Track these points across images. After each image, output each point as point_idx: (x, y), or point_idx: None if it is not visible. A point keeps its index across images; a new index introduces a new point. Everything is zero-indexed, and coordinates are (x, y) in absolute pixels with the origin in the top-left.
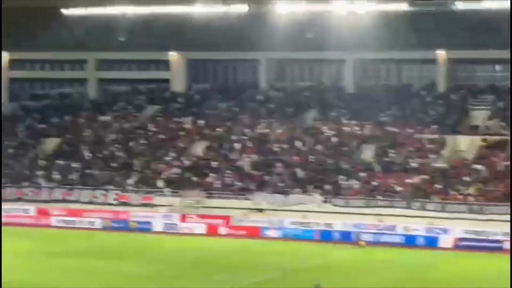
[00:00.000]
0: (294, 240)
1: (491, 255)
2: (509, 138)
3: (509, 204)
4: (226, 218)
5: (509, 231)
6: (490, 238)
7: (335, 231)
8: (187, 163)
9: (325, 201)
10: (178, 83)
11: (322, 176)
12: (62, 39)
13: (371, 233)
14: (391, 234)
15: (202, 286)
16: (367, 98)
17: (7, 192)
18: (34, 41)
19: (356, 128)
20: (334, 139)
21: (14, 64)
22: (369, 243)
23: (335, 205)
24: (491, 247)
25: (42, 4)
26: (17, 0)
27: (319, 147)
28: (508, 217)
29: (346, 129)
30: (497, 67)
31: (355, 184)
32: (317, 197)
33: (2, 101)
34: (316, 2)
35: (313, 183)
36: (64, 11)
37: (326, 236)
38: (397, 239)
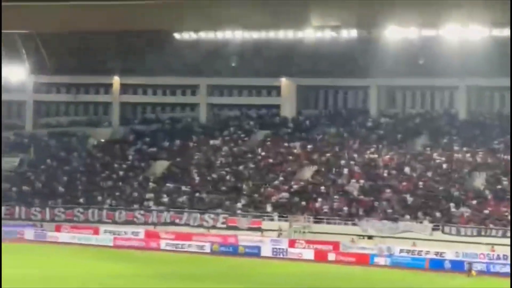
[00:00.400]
0: (404, 268)
1: None
2: None
3: None
4: (335, 244)
5: None
6: None
7: (445, 259)
8: (295, 187)
9: (435, 229)
10: (288, 109)
11: (432, 203)
12: (174, 64)
13: (483, 262)
14: (503, 264)
15: None
16: (480, 125)
17: (117, 215)
18: (146, 66)
19: (468, 155)
20: (444, 166)
21: (126, 88)
22: (480, 273)
23: (446, 233)
24: None
25: (154, 28)
26: (129, 25)
27: (429, 174)
28: None
29: (457, 156)
30: None
31: (466, 212)
32: (427, 224)
33: (112, 125)
34: (428, 27)
35: (422, 210)
36: (176, 36)
37: (436, 265)
38: (509, 269)
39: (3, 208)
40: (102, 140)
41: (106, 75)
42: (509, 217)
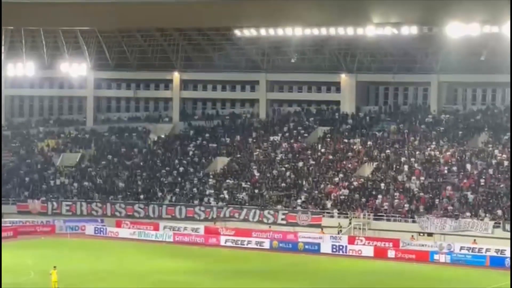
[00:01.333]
0: (464, 265)
1: None
2: None
3: None
4: (395, 241)
5: None
6: None
7: (506, 257)
8: (355, 184)
9: (496, 226)
10: (348, 105)
11: (493, 200)
12: (234, 60)
13: None
14: None
15: None
16: None
17: (177, 211)
18: (206, 62)
19: None
20: (506, 163)
21: (186, 84)
22: None
23: (507, 231)
24: None
25: (215, 25)
26: (190, 22)
27: (490, 171)
28: None
29: None
30: None
31: None
32: (488, 222)
33: (172, 120)
34: (489, 23)
35: (483, 208)
36: (237, 32)
37: (497, 262)
38: (510, 266)
39: (64, 203)
40: (162, 136)
41: (166, 71)
42: None
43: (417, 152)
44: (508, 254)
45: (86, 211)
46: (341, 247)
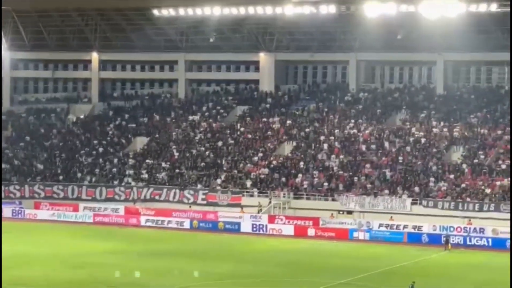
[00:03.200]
0: (382, 242)
1: None
2: None
3: None
4: (315, 219)
5: None
6: None
7: (423, 233)
8: (275, 163)
9: (413, 203)
10: (267, 84)
11: (411, 178)
12: (153, 40)
13: (459, 235)
14: (480, 237)
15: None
16: (457, 99)
17: (97, 191)
18: (125, 42)
19: (445, 129)
20: (423, 141)
21: (105, 64)
22: (457, 246)
23: (424, 207)
24: None
25: (133, 5)
26: (109, 1)
27: (408, 149)
28: None
29: (435, 130)
30: None
31: (443, 186)
32: (406, 199)
33: (91, 101)
34: (407, 3)
35: (401, 185)
36: (155, 12)
37: (414, 239)
38: (486, 242)
39: None
40: (81, 117)
41: (85, 52)
42: (486, 190)
43: (336, 131)
44: (425, 230)
45: (4, 194)
46: (261, 226)
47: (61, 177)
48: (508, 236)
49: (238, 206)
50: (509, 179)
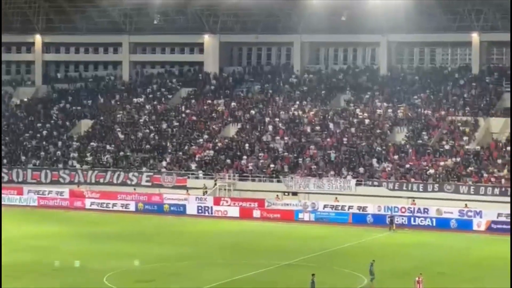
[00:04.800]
0: (327, 223)
1: None
2: None
3: None
4: (260, 201)
5: None
6: None
7: (368, 214)
8: (220, 145)
9: (358, 184)
10: (211, 66)
11: (355, 158)
12: (97, 22)
13: (404, 216)
14: (424, 217)
15: (237, 269)
16: (401, 80)
17: (42, 175)
18: (68, 24)
19: (389, 110)
20: (367, 122)
21: (49, 47)
22: (402, 226)
23: (368, 188)
24: None
25: None
26: None
27: (352, 130)
28: None
29: (379, 111)
30: None
31: (387, 166)
32: (350, 180)
33: (34, 84)
34: None
35: (346, 166)
36: None
37: (359, 219)
38: (429, 222)
39: None
40: (25, 100)
41: (28, 34)
42: (430, 171)
43: (281, 112)
44: (369, 210)
45: None
46: (206, 208)
47: (5, 161)
48: (452, 215)
49: (184, 188)
50: (455, 159)
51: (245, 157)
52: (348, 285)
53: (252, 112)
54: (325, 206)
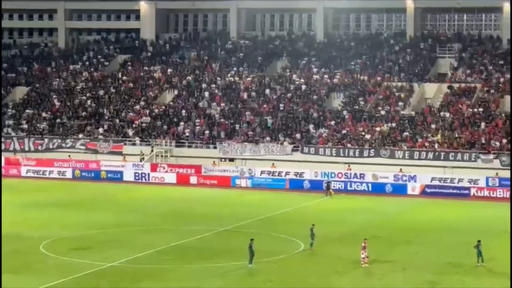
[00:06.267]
0: (264, 189)
1: (458, 202)
2: (474, 85)
3: (474, 150)
4: (197, 167)
5: (474, 177)
6: (456, 184)
7: (305, 179)
8: (156, 111)
9: (295, 150)
10: (148, 33)
11: (292, 124)
12: None
13: (340, 181)
14: (360, 182)
15: (174, 236)
16: (337, 46)
17: None
18: None
19: (326, 76)
20: (303, 88)
21: None
22: (338, 191)
23: (305, 154)
24: (458, 193)
25: None
26: None
27: (288, 96)
28: (473, 164)
29: (316, 77)
30: (465, 16)
31: (324, 132)
32: (287, 145)
33: None
34: None
35: (283, 132)
36: None
37: (296, 185)
38: (366, 187)
39: None
40: None
41: None
42: (366, 136)
43: (218, 79)
44: (306, 176)
45: None
46: (143, 174)
47: None
48: (387, 180)
49: (120, 154)
50: (390, 124)
51: (181, 123)
52: (286, 250)
53: (189, 78)
54: (262, 172)
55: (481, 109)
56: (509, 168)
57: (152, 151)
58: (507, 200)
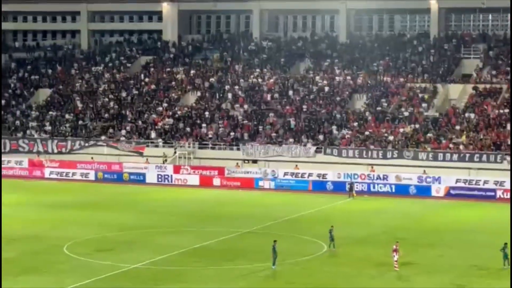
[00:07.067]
0: (288, 190)
1: (483, 204)
2: (499, 86)
3: (499, 152)
4: (220, 169)
5: (500, 179)
6: (481, 186)
7: (328, 181)
8: (179, 113)
9: (318, 151)
10: (170, 34)
11: (315, 126)
12: None
13: (363, 182)
14: (383, 183)
15: (197, 237)
16: (360, 48)
17: (2, 144)
18: None
19: (349, 77)
20: (326, 89)
21: (6, 15)
22: (361, 193)
23: (328, 155)
24: (483, 195)
25: None
26: None
27: (311, 97)
28: (499, 165)
29: (339, 78)
30: (490, 16)
31: (347, 133)
32: (310, 147)
33: None
34: None
35: (305, 133)
36: None
37: (319, 187)
38: (389, 189)
39: None
40: None
41: None
42: (389, 138)
43: (241, 80)
44: (329, 178)
45: None
46: (166, 176)
47: None
48: (411, 182)
49: (144, 157)
50: (414, 125)
51: (204, 125)
52: (309, 251)
53: (212, 80)
54: (285, 174)
55: (506, 110)
56: None
57: (175, 153)
58: None
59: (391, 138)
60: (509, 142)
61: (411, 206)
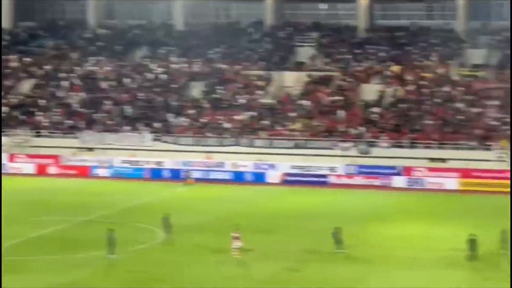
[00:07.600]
0: (124, 179)
1: (317, 190)
2: (332, 73)
3: (332, 138)
4: (56, 157)
5: (332, 165)
6: (315, 172)
7: (164, 169)
8: (14, 101)
9: (154, 139)
10: (4, 21)
11: (151, 113)
12: None
13: (200, 170)
14: (220, 171)
15: (33, 227)
16: (196, 36)
17: None
18: None
19: (185, 65)
20: (163, 77)
21: None
22: (198, 180)
23: (164, 143)
24: (317, 181)
25: None
26: None
27: (148, 85)
28: (332, 152)
29: (175, 66)
30: (321, 5)
31: (184, 121)
32: (147, 135)
33: None
34: None
35: (142, 121)
36: None
37: (155, 174)
38: (225, 176)
39: None
40: None
41: None
42: (226, 125)
43: (77, 68)
44: (166, 165)
45: None
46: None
47: None
48: (247, 169)
49: None
50: (249, 113)
51: (40, 113)
52: (146, 239)
53: (46, 67)
54: (121, 162)
55: (338, 97)
56: (367, 156)
57: (10, 141)
58: (365, 187)
59: (228, 125)
60: (340, 129)
61: (247, 193)
